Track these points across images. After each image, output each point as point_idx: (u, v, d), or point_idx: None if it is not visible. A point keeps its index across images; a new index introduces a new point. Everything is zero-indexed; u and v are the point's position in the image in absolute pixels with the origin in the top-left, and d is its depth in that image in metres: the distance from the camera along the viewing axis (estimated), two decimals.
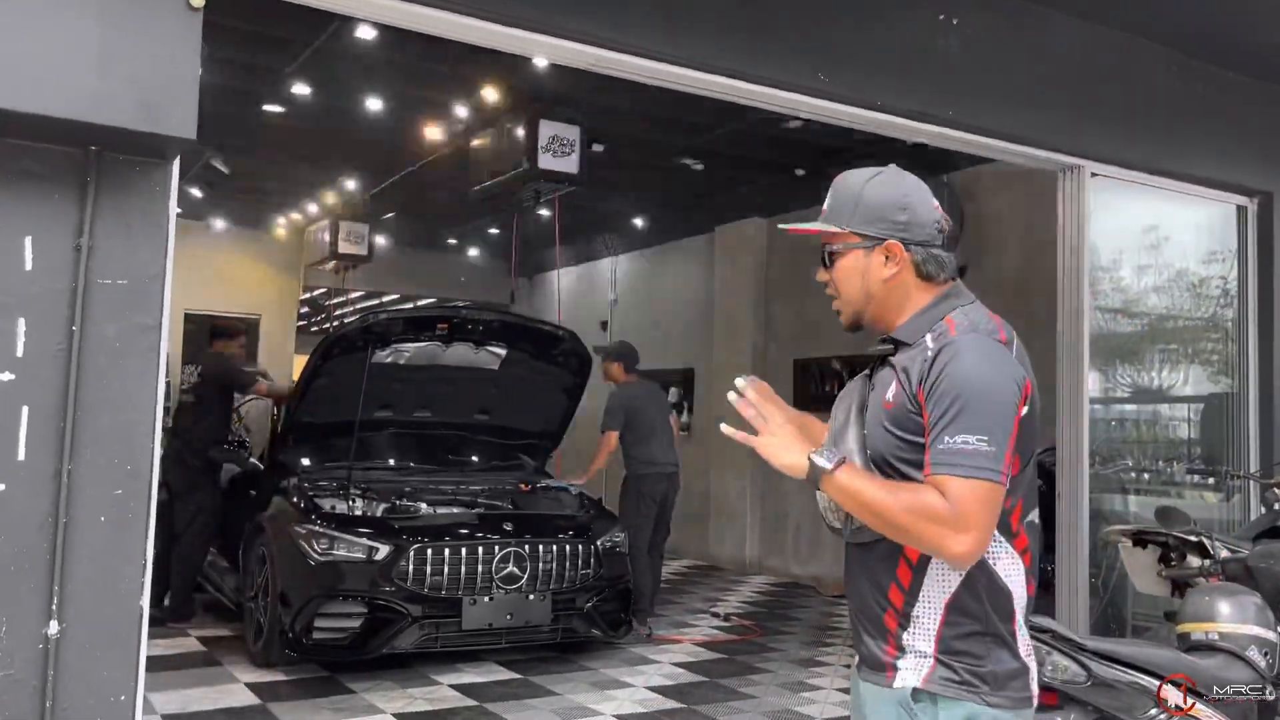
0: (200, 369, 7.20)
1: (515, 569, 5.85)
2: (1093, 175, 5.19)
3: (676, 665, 6.26)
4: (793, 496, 9.59)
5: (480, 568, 5.76)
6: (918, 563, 1.81)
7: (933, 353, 1.79)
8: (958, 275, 1.98)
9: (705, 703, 5.46)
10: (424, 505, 6.33)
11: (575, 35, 3.76)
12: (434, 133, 7.99)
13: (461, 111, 7.51)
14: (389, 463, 7.02)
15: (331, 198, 10.80)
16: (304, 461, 6.66)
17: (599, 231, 12.13)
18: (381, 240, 12.34)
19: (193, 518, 6.81)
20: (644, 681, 5.86)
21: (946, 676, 1.78)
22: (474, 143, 7.73)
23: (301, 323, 14.89)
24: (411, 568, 5.60)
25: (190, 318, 11.35)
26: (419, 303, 13.76)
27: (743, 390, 1.86)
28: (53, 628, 2.78)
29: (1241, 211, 5.93)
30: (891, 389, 1.84)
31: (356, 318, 7.16)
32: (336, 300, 14.89)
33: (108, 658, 2.87)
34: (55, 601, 2.79)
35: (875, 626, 1.87)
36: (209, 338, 7.49)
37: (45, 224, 2.85)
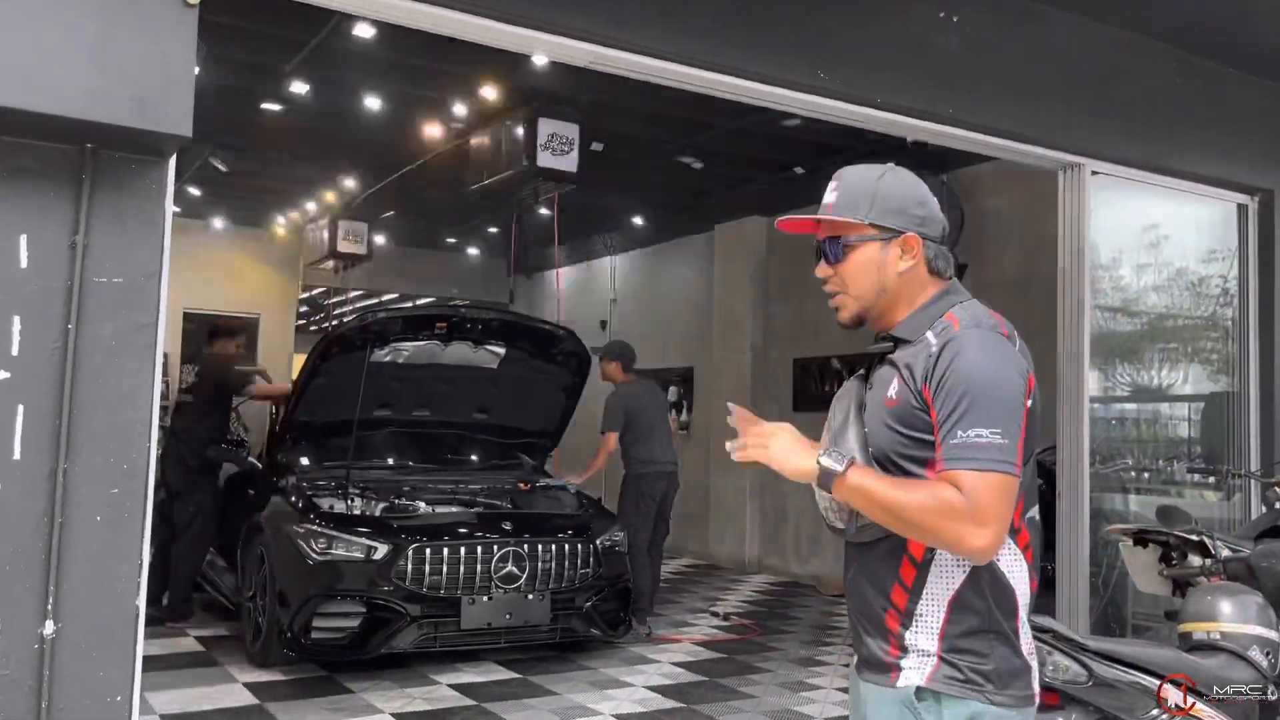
0: (198, 369, 7.19)
1: (514, 568, 5.84)
2: (1093, 173, 5.18)
3: (676, 665, 6.25)
4: (792, 496, 9.59)
5: (479, 567, 5.75)
6: (921, 560, 1.80)
7: (937, 349, 1.78)
8: (957, 274, 1.98)
9: (705, 702, 5.45)
10: (423, 504, 6.33)
11: (574, 32, 3.75)
12: (433, 131, 7.98)
13: (460, 110, 7.50)
14: (388, 462, 7.00)
15: (330, 196, 10.79)
16: (303, 461, 6.64)
17: (598, 230, 12.12)
18: (380, 239, 12.32)
19: (192, 518, 6.80)
20: (643, 681, 5.85)
21: (950, 675, 1.77)
22: (473, 141, 7.72)
23: (301, 322, 14.89)
24: (410, 567, 5.59)
25: (189, 316, 11.36)
26: (418, 301, 13.75)
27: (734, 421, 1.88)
28: (48, 628, 2.77)
29: (1242, 209, 5.92)
30: (894, 386, 1.83)
31: (355, 316, 7.14)
32: (335, 299, 14.88)
33: (104, 658, 2.86)
34: (51, 601, 2.78)
35: (877, 627, 1.85)
36: (207, 337, 7.49)
37: (40, 222, 2.84)
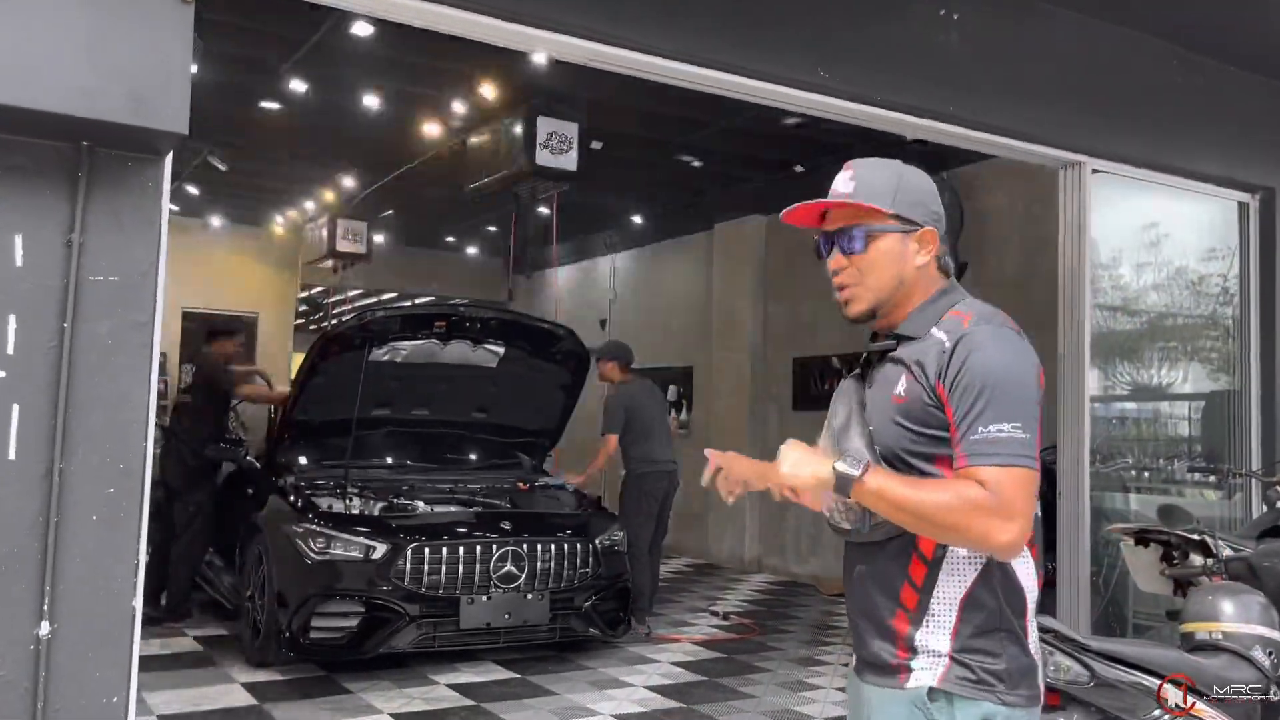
0: (196, 368, 7.18)
1: (513, 568, 5.82)
2: (1094, 171, 5.17)
3: (675, 664, 6.24)
4: None
5: (478, 567, 5.73)
6: (932, 558, 1.78)
7: (951, 345, 1.76)
8: (957, 273, 1.97)
9: (704, 702, 5.43)
10: (421, 504, 6.30)
11: (573, 30, 3.74)
12: (432, 129, 7.96)
13: (459, 108, 7.48)
14: (386, 461, 6.98)
15: (329, 195, 10.77)
16: (301, 460, 6.63)
17: (597, 229, 12.11)
18: (379, 238, 12.31)
19: (191, 517, 6.78)
20: (643, 681, 5.83)
21: (963, 676, 1.75)
22: (471, 139, 7.70)
23: (299, 321, 14.87)
24: (409, 567, 5.58)
25: (188, 316, 11.35)
26: (416, 301, 13.73)
27: (713, 468, 1.88)
28: (44, 628, 2.76)
29: (1243, 208, 5.91)
30: (902, 383, 1.81)
31: (353, 315, 7.13)
32: (334, 299, 14.88)
33: (100, 658, 2.84)
34: (46, 602, 2.76)
35: (883, 628, 1.82)
36: (206, 337, 7.48)
37: (36, 220, 2.82)
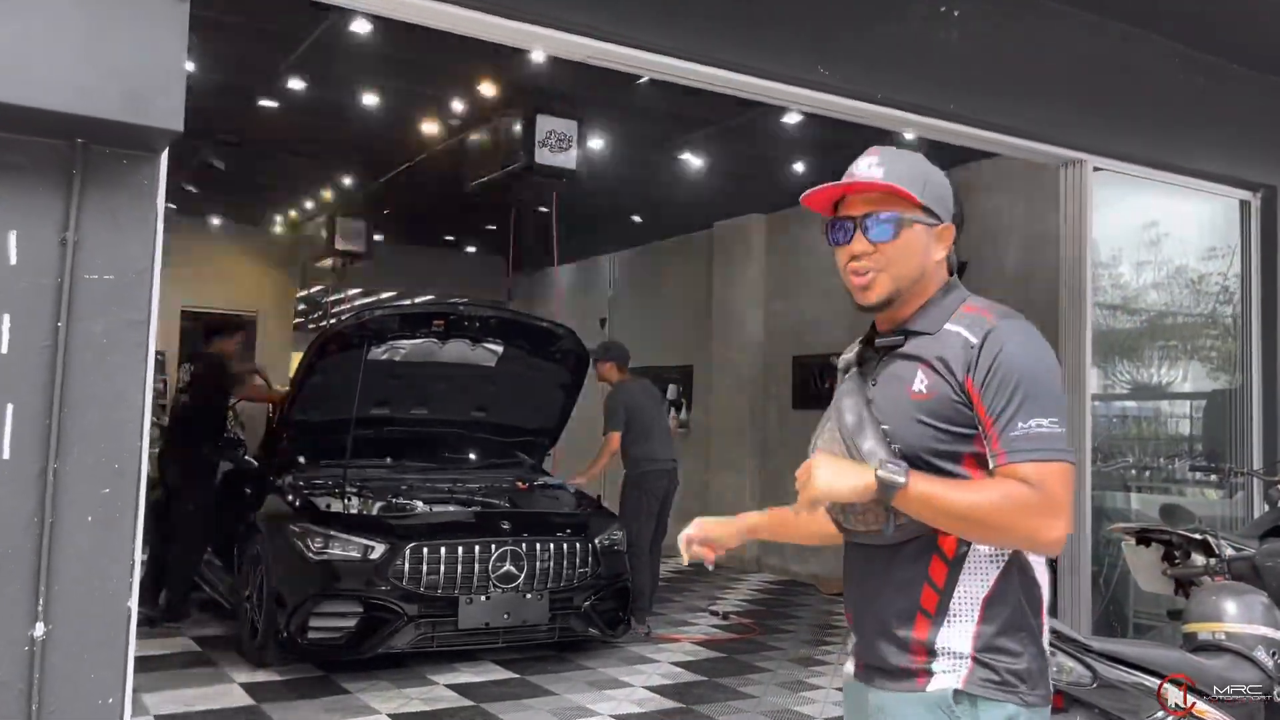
0: (195, 367, 7.16)
1: (512, 568, 5.81)
2: (1095, 170, 5.16)
3: (675, 664, 6.22)
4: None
5: (477, 566, 5.71)
6: (954, 557, 1.74)
7: (978, 341, 1.73)
8: (958, 271, 1.95)
9: (704, 702, 5.42)
10: (420, 503, 6.29)
11: (573, 27, 3.72)
12: (431, 128, 7.94)
13: (459, 106, 7.46)
14: (385, 460, 6.96)
15: (329, 194, 10.74)
16: (299, 459, 6.61)
17: (597, 227, 12.08)
18: (379, 237, 12.28)
19: (189, 517, 6.76)
20: (643, 681, 5.81)
21: (986, 678, 1.71)
22: (471, 138, 7.68)
23: (299, 320, 14.86)
24: (407, 567, 5.56)
25: (187, 315, 11.32)
26: (416, 299, 13.71)
27: (694, 554, 2.01)
28: (38, 629, 2.74)
29: (1244, 206, 5.89)
30: (920, 380, 1.76)
31: (352, 314, 7.11)
32: (334, 297, 14.86)
33: (95, 659, 2.82)
34: (41, 603, 2.74)
35: (898, 632, 1.76)
36: (204, 336, 7.46)
37: (30, 218, 2.80)
